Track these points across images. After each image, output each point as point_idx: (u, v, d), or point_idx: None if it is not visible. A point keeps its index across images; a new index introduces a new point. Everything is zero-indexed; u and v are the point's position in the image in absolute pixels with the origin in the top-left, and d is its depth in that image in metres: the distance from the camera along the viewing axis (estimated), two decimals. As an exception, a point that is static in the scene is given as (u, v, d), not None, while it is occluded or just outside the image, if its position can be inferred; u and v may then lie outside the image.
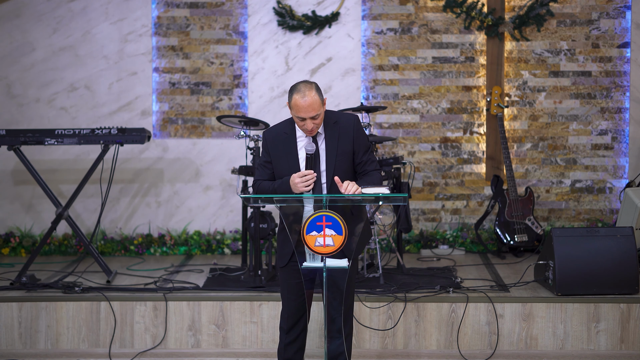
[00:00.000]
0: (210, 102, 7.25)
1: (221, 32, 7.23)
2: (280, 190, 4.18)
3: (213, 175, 7.25)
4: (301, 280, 4.23)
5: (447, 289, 5.46)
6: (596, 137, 7.21)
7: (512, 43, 7.20)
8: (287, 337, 4.36)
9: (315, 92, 4.13)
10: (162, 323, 5.42)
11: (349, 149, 4.24)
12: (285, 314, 4.36)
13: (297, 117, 4.15)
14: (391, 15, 7.20)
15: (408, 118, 7.24)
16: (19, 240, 7.10)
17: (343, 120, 4.28)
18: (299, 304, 4.31)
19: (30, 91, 7.20)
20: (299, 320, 4.34)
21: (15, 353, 5.41)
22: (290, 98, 4.16)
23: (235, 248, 7.13)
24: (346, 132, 4.24)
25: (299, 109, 4.11)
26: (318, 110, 4.12)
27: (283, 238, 4.28)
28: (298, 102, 4.10)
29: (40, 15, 7.18)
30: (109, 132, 6.14)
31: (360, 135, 4.28)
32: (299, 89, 4.13)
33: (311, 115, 4.11)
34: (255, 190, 4.31)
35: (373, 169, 4.29)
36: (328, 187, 4.20)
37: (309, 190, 4.13)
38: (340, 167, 4.21)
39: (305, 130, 4.18)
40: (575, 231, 5.48)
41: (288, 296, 4.33)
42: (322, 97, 4.17)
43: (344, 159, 4.23)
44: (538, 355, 5.29)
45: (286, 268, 4.28)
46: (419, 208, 7.27)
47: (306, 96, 4.10)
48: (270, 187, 4.24)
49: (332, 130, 4.24)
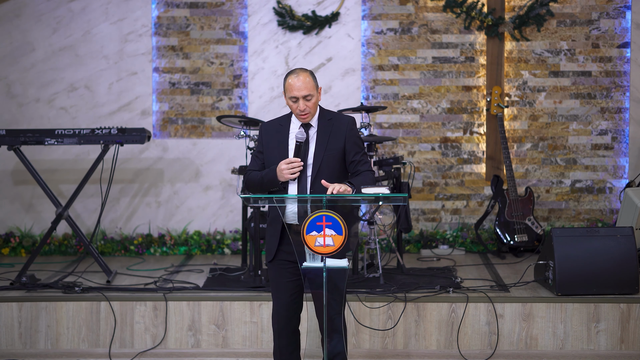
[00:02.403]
0: (210, 102, 7.25)
1: (221, 32, 7.23)
2: (267, 177, 4.19)
3: (213, 175, 7.25)
4: (292, 278, 4.22)
5: (447, 289, 5.46)
6: (596, 137, 7.21)
7: (512, 43, 7.20)
8: (280, 339, 4.30)
9: (310, 75, 4.19)
10: (162, 323, 5.42)
11: (339, 147, 4.23)
12: (276, 313, 4.30)
13: (291, 98, 4.17)
14: (391, 15, 7.21)
15: (408, 118, 7.24)
16: (19, 240, 7.10)
17: (338, 118, 4.30)
18: (289, 303, 4.25)
19: (30, 91, 7.20)
20: (290, 320, 4.28)
21: (15, 353, 5.41)
22: (285, 81, 4.20)
23: (235, 248, 7.13)
24: (339, 130, 4.25)
25: (292, 89, 4.15)
26: (311, 90, 4.15)
27: (271, 232, 4.27)
28: (291, 82, 4.16)
29: (40, 15, 7.18)
30: (109, 132, 6.14)
31: (354, 136, 4.28)
32: (294, 71, 4.20)
33: (304, 94, 4.14)
34: (245, 180, 4.33)
35: (365, 169, 4.26)
36: (312, 180, 4.17)
37: (294, 178, 4.13)
38: (328, 162, 4.19)
39: (299, 112, 4.18)
40: (575, 231, 5.48)
41: (278, 294, 4.28)
42: (317, 83, 4.22)
43: (332, 155, 4.21)
44: (538, 355, 5.29)
45: (274, 265, 4.25)
46: (419, 208, 7.27)
47: (300, 76, 4.16)
48: (258, 175, 4.25)
49: (325, 125, 4.25)
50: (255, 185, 4.26)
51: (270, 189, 4.22)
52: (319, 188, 4.11)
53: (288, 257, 4.19)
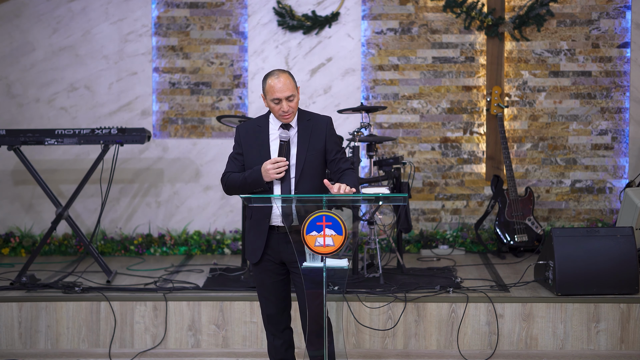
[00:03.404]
0: (210, 102, 7.25)
1: (221, 32, 7.23)
2: (251, 178, 4.18)
3: (213, 175, 7.25)
4: (279, 278, 4.25)
5: (447, 289, 5.46)
6: (596, 137, 7.21)
7: (512, 43, 7.20)
8: (275, 338, 4.35)
9: (289, 75, 4.20)
10: (162, 323, 5.42)
11: (320, 147, 4.25)
12: (266, 315, 4.33)
13: (273, 100, 4.17)
14: (391, 15, 7.20)
15: (408, 118, 7.24)
16: (19, 240, 7.10)
17: (316, 118, 4.32)
18: (278, 302, 4.30)
19: (30, 91, 7.20)
20: (281, 320, 4.33)
21: (15, 353, 5.41)
22: (265, 83, 4.20)
23: (235, 248, 7.13)
24: (319, 130, 4.27)
25: (275, 90, 4.15)
26: (293, 91, 4.17)
27: (255, 233, 4.26)
28: (272, 84, 4.16)
29: (40, 15, 7.18)
30: (109, 132, 6.14)
31: (333, 135, 4.31)
32: (273, 73, 4.20)
33: (286, 95, 4.15)
34: (225, 183, 4.29)
35: (347, 167, 4.28)
36: (297, 181, 4.18)
37: (279, 178, 4.14)
38: (311, 162, 4.21)
39: (282, 114, 4.19)
40: (575, 231, 5.48)
41: (268, 296, 4.30)
42: (296, 83, 4.23)
43: (314, 155, 4.23)
44: (538, 355, 5.29)
45: (260, 266, 4.26)
46: (419, 208, 7.27)
47: (280, 77, 4.16)
48: (241, 177, 4.23)
49: (305, 126, 4.27)
50: (237, 186, 4.24)
51: (253, 189, 4.20)
52: (303, 189, 4.15)
53: (273, 257, 4.23)
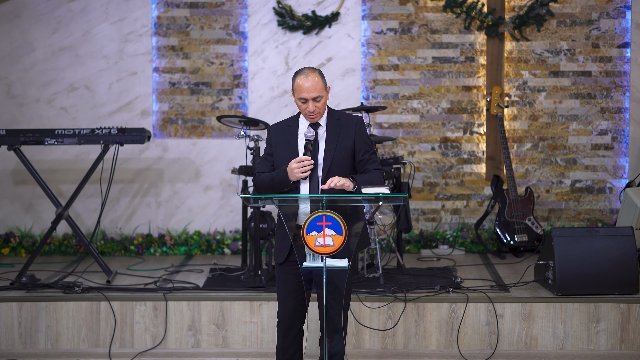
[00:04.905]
0: (210, 102, 7.25)
1: (221, 32, 7.23)
2: (278, 178, 4.15)
3: (213, 175, 7.25)
4: (299, 280, 4.17)
5: (447, 289, 5.46)
6: (596, 137, 7.21)
7: (512, 43, 7.20)
8: (285, 339, 4.30)
9: (318, 75, 4.15)
10: (162, 323, 5.42)
11: (349, 146, 4.21)
12: (282, 315, 4.29)
13: (300, 99, 4.14)
14: (391, 15, 7.21)
15: (408, 118, 7.24)
16: (19, 240, 7.10)
17: (347, 117, 4.28)
18: (296, 305, 4.25)
19: (30, 91, 7.20)
20: (296, 322, 4.29)
21: (15, 353, 5.41)
22: (294, 81, 4.16)
23: (235, 248, 7.13)
24: (348, 129, 4.23)
25: (302, 90, 4.12)
26: (320, 92, 4.13)
27: (282, 233, 4.24)
28: (300, 83, 4.12)
29: (40, 15, 7.18)
30: (109, 132, 6.14)
31: (362, 135, 4.26)
32: (302, 72, 4.15)
33: (313, 96, 4.12)
34: (255, 183, 4.29)
35: (374, 168, 4.25)
36: (324, 179, 4.14)
37: (305, 177, 4.11)
38: (338, 161, 4.18)
39: (308, 113, 4.16)
40: (575, 231, 5.48)
41: (285, 297, 4.26)
42: (326, 82, 4.19)
43: (342, 154, 4.19)
44: (538, 355, 5.29)
45: (284, 267, 4.23)
46: (419, 208, 7.27)
47: (309, 76, 4.12)
48: (269, 177, 4.21)
49: (334, 125, 4.23)
50: (266, 186, 4.21)
51: (281, 189, 4.17)
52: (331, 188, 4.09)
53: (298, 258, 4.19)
